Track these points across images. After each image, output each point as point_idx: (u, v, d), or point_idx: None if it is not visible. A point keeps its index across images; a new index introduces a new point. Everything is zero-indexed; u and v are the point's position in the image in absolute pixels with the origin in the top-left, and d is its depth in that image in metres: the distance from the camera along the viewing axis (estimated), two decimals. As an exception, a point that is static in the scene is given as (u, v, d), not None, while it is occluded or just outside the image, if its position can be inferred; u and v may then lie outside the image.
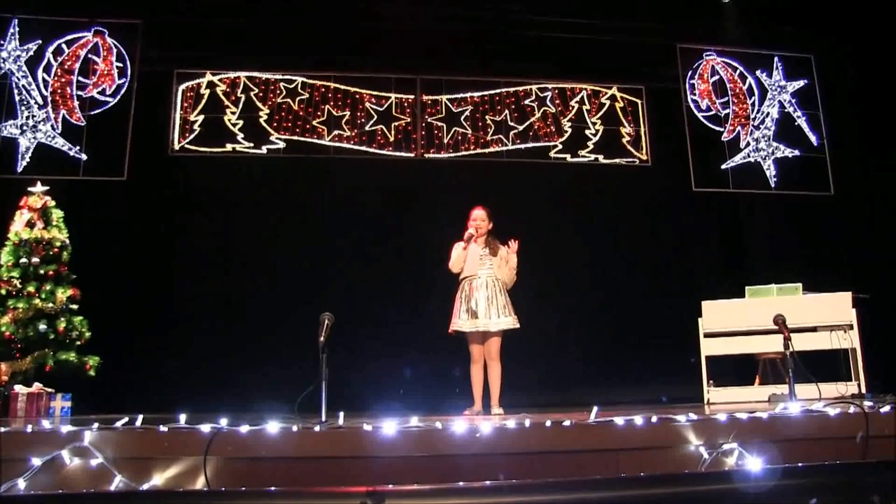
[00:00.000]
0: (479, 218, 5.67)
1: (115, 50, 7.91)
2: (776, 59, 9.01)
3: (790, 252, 8.44)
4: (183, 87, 8.11)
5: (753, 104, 8.90)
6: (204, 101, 8.10)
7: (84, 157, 7.61)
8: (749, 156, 8.77)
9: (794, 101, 8.95)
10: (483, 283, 5.51)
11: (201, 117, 8.05)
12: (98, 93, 7.81)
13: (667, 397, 7.11)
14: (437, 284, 6.51)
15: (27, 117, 7.60)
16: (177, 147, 7.97)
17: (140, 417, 3.50)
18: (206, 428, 3.21)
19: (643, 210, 8.57)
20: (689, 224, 8.70)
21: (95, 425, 3.25)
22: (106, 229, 7.48)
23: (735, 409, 3.92)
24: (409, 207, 8.13)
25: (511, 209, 7.12)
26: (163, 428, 3.25)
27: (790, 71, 9.00)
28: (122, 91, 7.83)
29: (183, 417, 3.52)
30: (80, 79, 7.80)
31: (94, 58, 7.87)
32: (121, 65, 7.90)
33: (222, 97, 8.13)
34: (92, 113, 7.75)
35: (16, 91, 7.62)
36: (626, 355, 7.86)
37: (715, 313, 6.72)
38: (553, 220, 8.25)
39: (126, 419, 3.45)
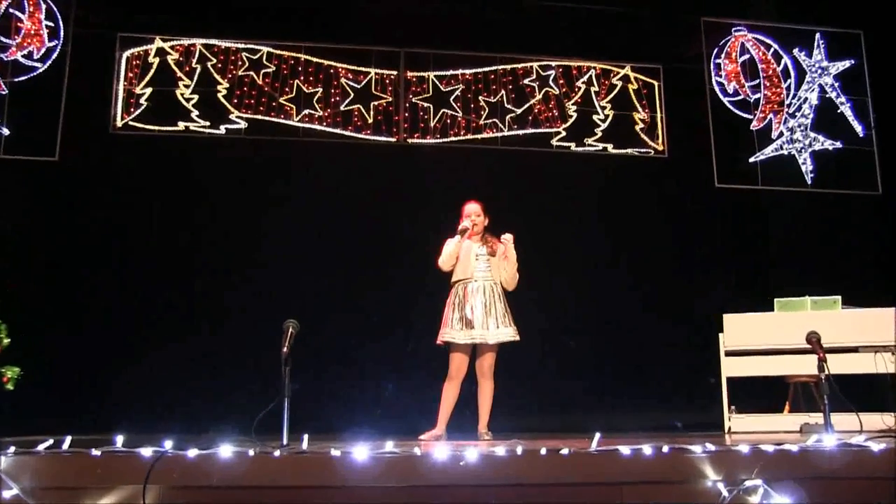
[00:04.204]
0: (473, 212, 5.69)
1: (43, 6, 7.78)
2: (818, 35, 9.01)
3: (828, 260, 8.45)
4: (127, 53, 8.04)
5: (789, 88, 8.92)
6: (152, 71, 8.03)
7: (6, 131, 7.51)
8: (782, 148, 8.81)
9: (837, 84, 8.96)
10: (479, 287, 5.53)
11: (149, 90, 7.98)
12: (23, 56, 7.66)
13: (681, 424, 7.14)
14: (423, 288, 6.54)
15: (-67, 81, 7.52)
16: (119, 124, 7.91)
17: (68, 439, 3.47)
18: (147, 452, 3.21)
19: (657, 208, 8.60)
20: (711, 225, 8.73)
21: (11, 449, 3.23)
22: (32, 217, 7.45)
23: (760, 440, 3.95)
24: (389, 200, 8.13)
25: (505, 204, 7.14)
26: (95, 452, 3.24)
27: (834, 49, 8.98)
28: (54, 56, 7.72)
29: (120, 439, 3.50)
30: (1, 38, 7.69)
31: (17, 13, 7.73)
32: (51, 24, 7.78)
33: (174, 67, 8.09)
34: (16, 80, 7.63)
35: (-82, 50, 7.54)
36: (634, 374, 7.90)
37: (738, 328, 6.74)
38: (553, 218, 8.27)
39: (50, 441, 3.43)
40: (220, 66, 8.17)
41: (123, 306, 7.54)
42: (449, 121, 8.46)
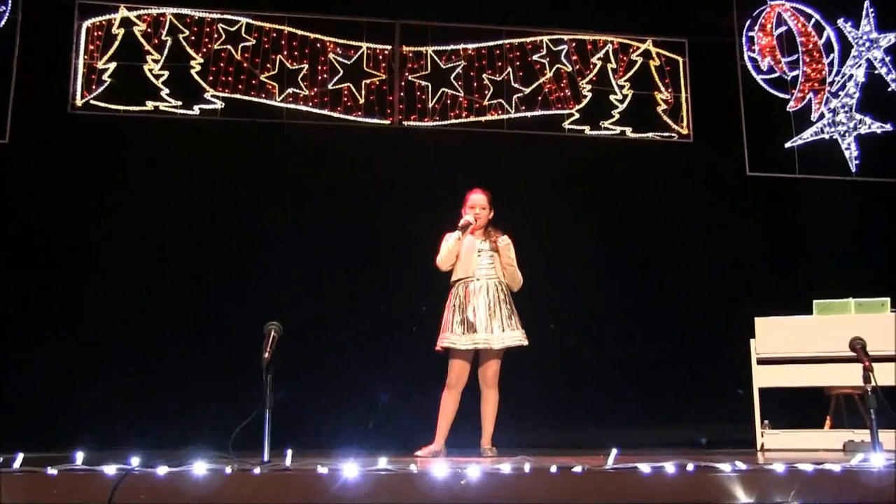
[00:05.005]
0: (478, 204, 5.70)
1: (-14, -34, 7.81)
2: (867, 3, 8.95)
3: (874, 257, 8.44)
4: (88, 24, 8.01)
5: (832, 64, 8.89)
6: (116, 43, 8.01)
7: (-53, 111, 7.53)
8: (823, 131, 8.80)
9: (888, 59, 8.91)
10: (482, 286, 5.53)
11: (113, 65, 7.96)
12: (-35, 24, 7.67)
13: (706, 439, 7.14)
14: (420, 288, 6.52)
15: None
16: (79, 102, 7.89)
17: (20, 457, 3.45)
18: (110, 469, 3.19)
19: (681, 199, 8.60)
20: (741, 218, 8.75)
21: (-45, 469, 3.23)
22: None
23: (797, 459, 3.96)
24: (382, 189, 8.14)
25: (511, 195, 7.14)
26: (51, 470, 3.22)
27: (886, 19, 8.91)
28: (2, 24, 7.66)
29: (80, 456, 3.50)
30: (-63, 4, 7.65)
31: (-45, -26, 7.71)
32: (-2, -13, 7.78)
33: (141, 40, 8.07)
34: (-44, 52, 7.64)
35: None
36: (654, 384, 7.90)
37: (772, 333, 6.75)
38: (565, 209, 8.28)
39: (0, 460, 3.42)
40: (193, 38, 8.14)
41: (83, 309, 7.54)
42: (449, 101, 8.44)
